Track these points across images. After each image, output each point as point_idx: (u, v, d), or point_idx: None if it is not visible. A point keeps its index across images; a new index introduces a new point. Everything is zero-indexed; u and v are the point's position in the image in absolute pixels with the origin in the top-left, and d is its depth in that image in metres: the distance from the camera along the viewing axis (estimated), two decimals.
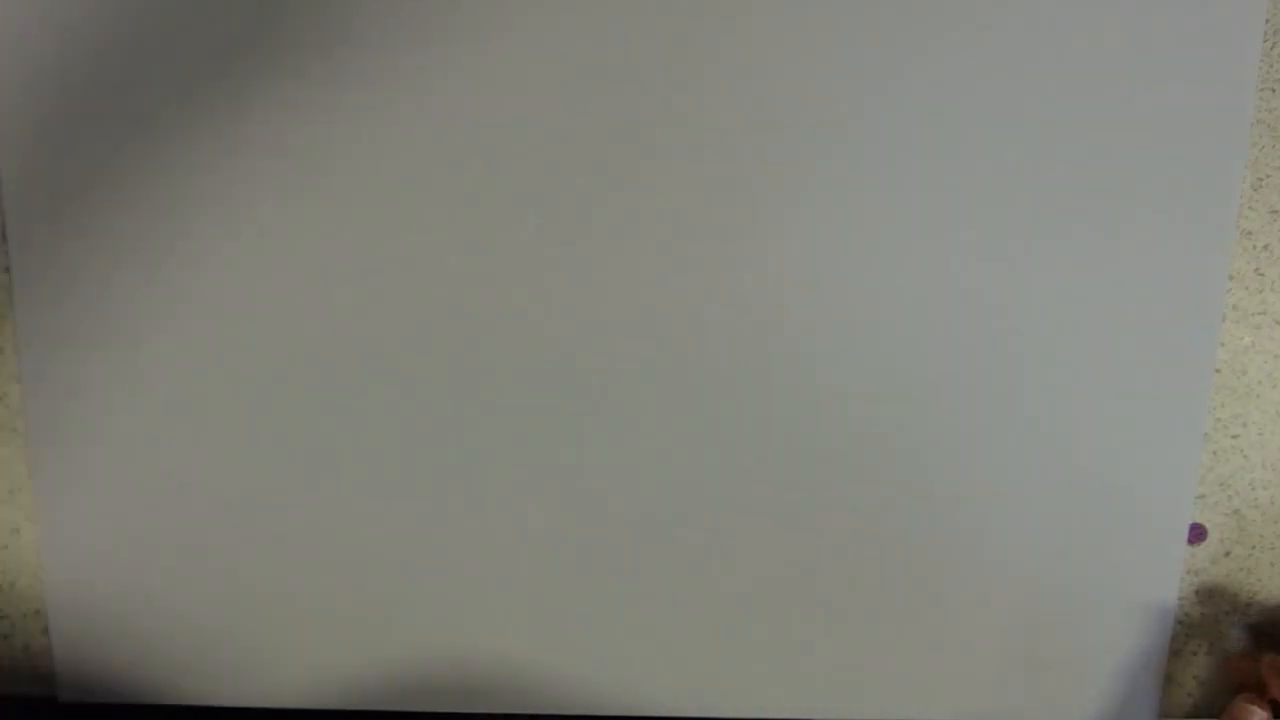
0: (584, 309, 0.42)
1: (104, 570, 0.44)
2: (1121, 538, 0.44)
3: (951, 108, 0.40)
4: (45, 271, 0.41)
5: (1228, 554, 0.45)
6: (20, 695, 0.46)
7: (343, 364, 0.42)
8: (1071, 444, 0.43)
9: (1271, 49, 0.40)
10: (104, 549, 0.44)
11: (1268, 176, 0.41)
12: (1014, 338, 0.42)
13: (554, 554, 0.44)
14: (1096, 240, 0.41)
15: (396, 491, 0.43)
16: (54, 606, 0.44)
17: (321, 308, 0.41)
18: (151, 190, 0.40)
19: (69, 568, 0.44)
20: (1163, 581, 0.45)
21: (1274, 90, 0.41)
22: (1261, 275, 0.42)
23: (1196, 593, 0.45)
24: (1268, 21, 0.39)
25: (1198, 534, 0.45)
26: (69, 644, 0.45)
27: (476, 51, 0.39)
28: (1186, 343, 0.42)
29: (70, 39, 0.39)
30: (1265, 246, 0.42)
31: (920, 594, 0.45)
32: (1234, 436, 0.44)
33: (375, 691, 0.45)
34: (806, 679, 0.46)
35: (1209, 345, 0.42)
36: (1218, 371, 0.43)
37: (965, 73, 0.40)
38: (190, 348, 0.42)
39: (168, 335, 0.42)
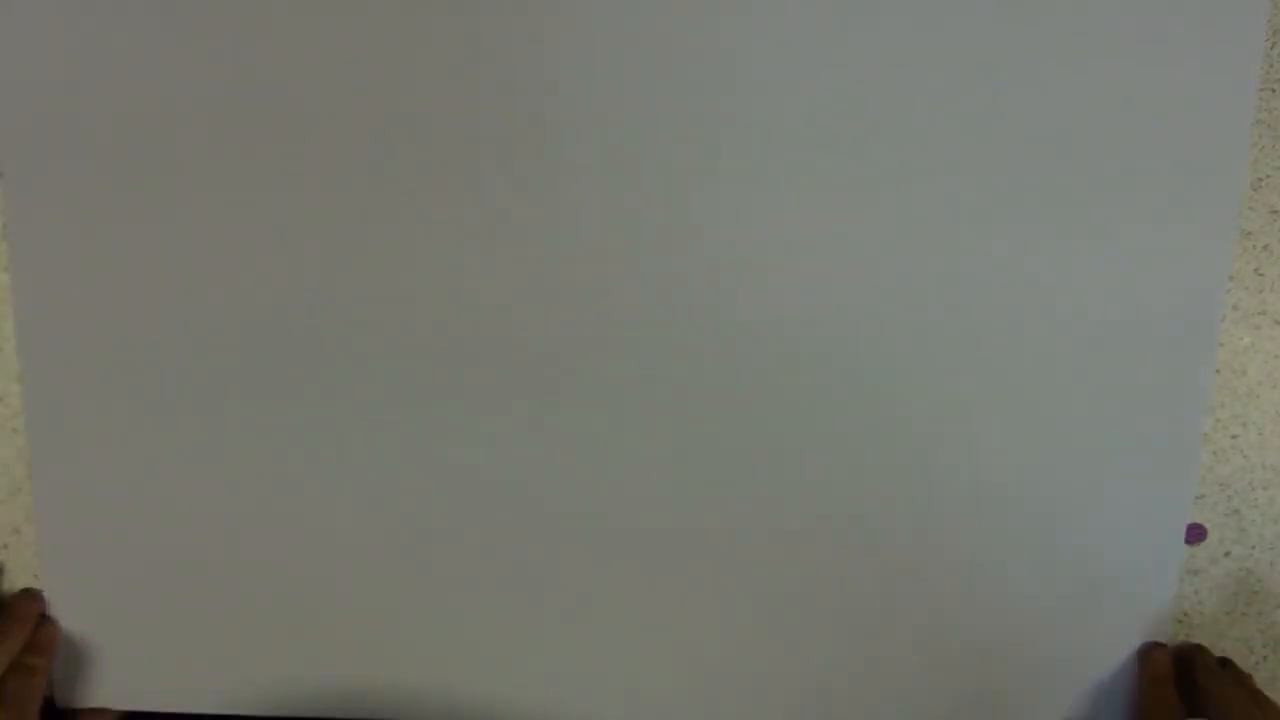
0: (577, 318, 0.42)
1: (104, 571, 0.44)
2: (1121, 537, 0.44)
3: (951, 108, 0.40)
4: (44, 271, 0.41)
5: (1228, 554, 0.45)
6: None
7: (343, 367, 0.42)
8: (1070, 444, 0.43)
9: (1272, 49, 0.40)
10: (104, 549, 0.44)
11: (1268, 177, 0.41)
12: (1012, 338, 0.42)
13: (545, 565, 0.44)
14: (1096, 240, 0.41)
15: (395, 495, 0.43)
16: (53, 606, 0.44)
17: (322, 309, 0.41)
18: (151, 190, 0.40)
19: (69, 567, 0.44)
20: (1162, 581, 0.45)
21: (1274, 90, 0.41)
22: (1261, 275, 0.42)
23: (1196, 593, 0.45)
24: (1268, 22, 0.39)
25: (1197, 534, 0.45)
26: (68, 645, 0.45)
27: (462, 43, 0.39)
28: (1186, 343, 0.42)
29: (69, 39, 0.39)
30: (1265, 247, 0.42)
31: (917, 595, 0.45)
32: (1234, 436, 0.44)
33: (372, 701, 0.45)
34: (802, 682, 0.46)
35: (1209, 345, 0.42)
36: (1218, 371, 0.43)
37: (964, 73, 0.40)
38: (190, 348, 0.42)
39: (168, 335, 0.42)
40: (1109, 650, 0.45)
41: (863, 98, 0.40)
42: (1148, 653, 0.45)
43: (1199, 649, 0.45)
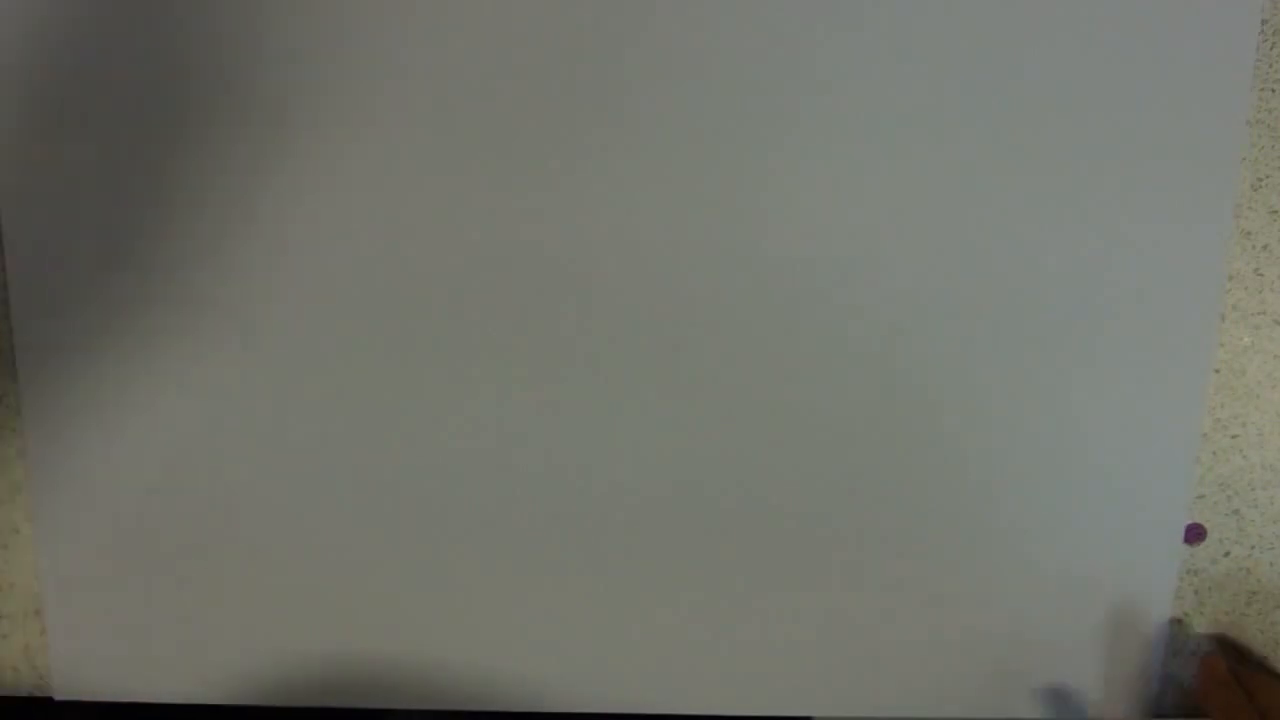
0: (573, 301, 0.42)
1: (103, 570, 0.44)
2: (1118, 537, 0.44)
3: (947, 108, 0.40)
4: (42, 271, 0.41)
5: (1227, 554, 0.45)
6: (19, 695, 0.46)
7: (340, 364, 0.42)
8: (1068, 443, 0.43)
9: (1271, 48, 0.40)
10: (103, 549, 0.44)
11: (1267, 176, 0.41)
12: (1009, 337, 0.42)
13: (546, 549, 0.44)
14: (1094, 240, 0.41)
15: (395, 490, 0.43)
16: (53, 606, 0.44)
17: (318, 308, 0.42)
18: (149, 190, 0.40)
19: (68, 568, 0.44)
20: (1160, 581, 0.45)
21: (1273, 90, 0.41)
22: (1261, 275, 0.42)
23: (1196, 593, 0.45)
24: (1266, 21, 0.39)
25: (1196, 534, 0.45)
26: (67, 643, 0.45)
27: (468, 25, 0.39)
28: (1185, 343, 0.42)
29: (68, 39, 0.39)
30: (1264, 247, 0.42)
31: (915, 594, 0.45)
32: (1234, 436, 0.44)
33: (375, 689, 0.45)
34: (799, 675, 0.46)
35: (1208, 345, 0.42)
36: (1217, 372, 0.43)
37: (961, 73, 0.40)
38: (189, 347, 0.42)
39: (167, 335, 0.42)
40: (1107, 650, 0.45)
41: (855, 94, 0.40)
42: (1203, 659, 0.44)
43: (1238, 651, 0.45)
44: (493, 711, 0.46)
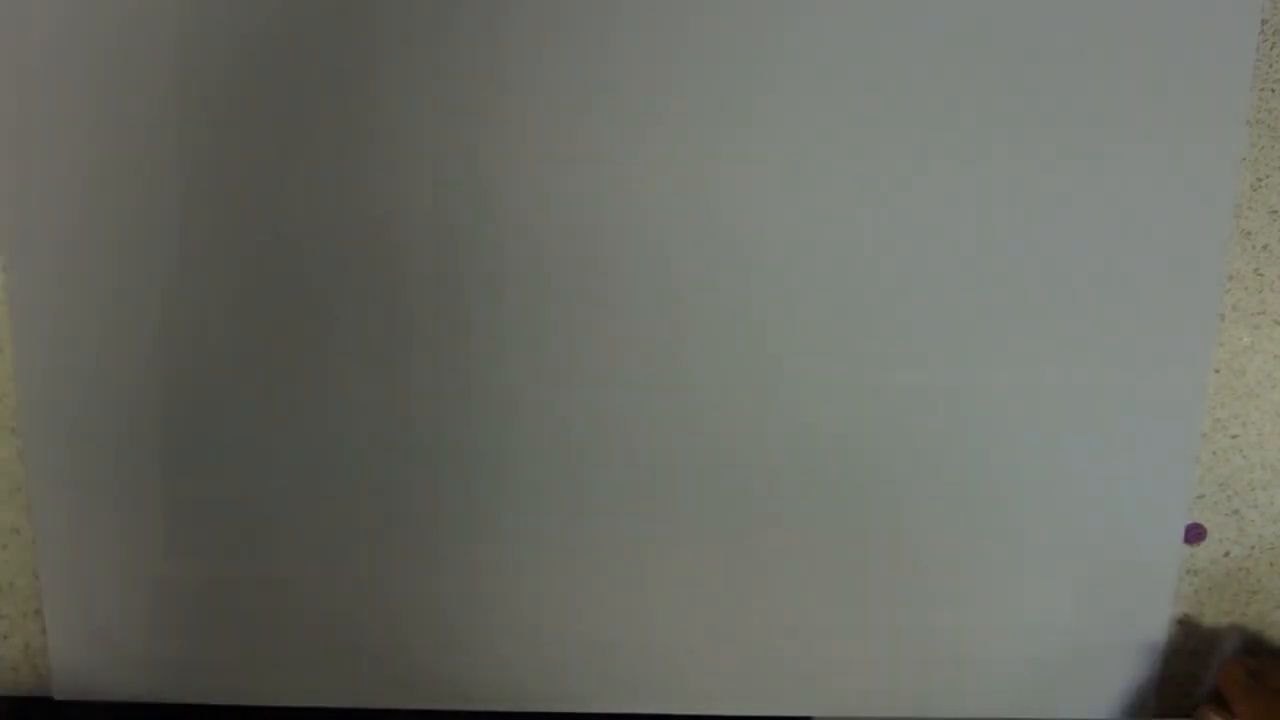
0: (573, 307, 0.42)
1: (103, 570, 0.44)
2: (1121, 537, 0.44)
3: (947, 109, 0.40)
4: (42, 271, 0.41)
5: (1227, 554, 0.45)
6: (19, 694, 0.46)
7: (341, 363, 0.42)
8: (1070, 444, 0.43)
9: (1271, 48, 0.40)
10: (102, 549, 0.44)
11: (1267, 177, 0.41)
12: (1010, 337, 0.42)
13: (546, 550, 0.44)
14: (1094, 240, 0.41)
15: (396, 491, 0.43)
16: (53, 606, 0.44)
17: (319, 308, 0.42)
18: (148, 190, 0.40)
19: (67, 568, 0.44)
20: (1160, 580, 0.45)
21: (1273, 90, 0.41)
22: (1261, 275, 0.42)
23: (1196, 593, 0.45)
24: (1266, 22, 0.39)
25: (1197, 534, 0.45)
26: (66, 643, 0.45)
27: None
28: (1185, 343, 0.42)
29: (69, 39, 0.39)
30: (1264, 247, 0.42)
31: (915, 594, 0.45)
32: (1233, 436, 0.44)
33: (375, 689, 0.45)
34: (799, 675, 0.46)
35: (1208, 345, 0.42)
36: (1217, 372, 0.43)
37: (961, 74, 0.40)
38: (190, 348, 0.42)
39: (166, 335, 0.42)
40: (1107, 650, 0.45)
41: (855, 94, 0.40)
42: (1220, 671, 0.44)
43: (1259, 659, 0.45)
44: (493, 711, 0.46)
